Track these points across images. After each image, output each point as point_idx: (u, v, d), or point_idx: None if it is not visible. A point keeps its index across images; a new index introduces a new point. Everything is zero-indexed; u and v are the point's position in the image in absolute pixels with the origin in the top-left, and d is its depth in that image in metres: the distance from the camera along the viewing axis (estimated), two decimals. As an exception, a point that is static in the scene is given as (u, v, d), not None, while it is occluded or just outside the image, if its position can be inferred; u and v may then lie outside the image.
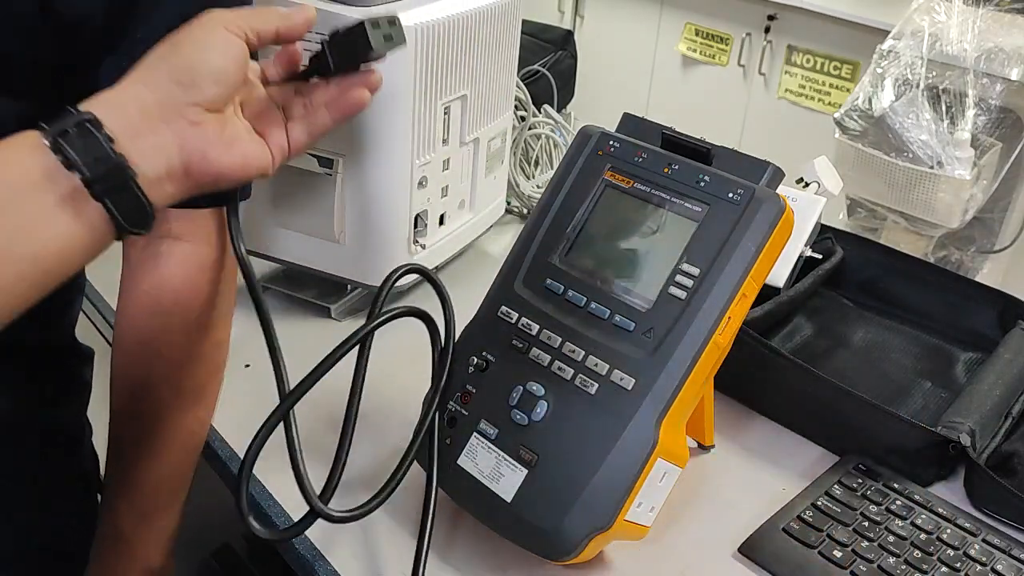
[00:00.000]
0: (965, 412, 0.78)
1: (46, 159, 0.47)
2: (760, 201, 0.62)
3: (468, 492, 0.64)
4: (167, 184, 0.51)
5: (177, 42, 0.51)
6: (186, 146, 0.51)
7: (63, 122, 0.47)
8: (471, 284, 1.03)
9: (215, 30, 0.52)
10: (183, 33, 0.52)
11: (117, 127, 0.48)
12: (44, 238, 0.48)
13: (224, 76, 0.52)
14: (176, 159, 0.51)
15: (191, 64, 0.50)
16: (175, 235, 0.65)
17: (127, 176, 0.49)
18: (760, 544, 0.69)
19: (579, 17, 3.15)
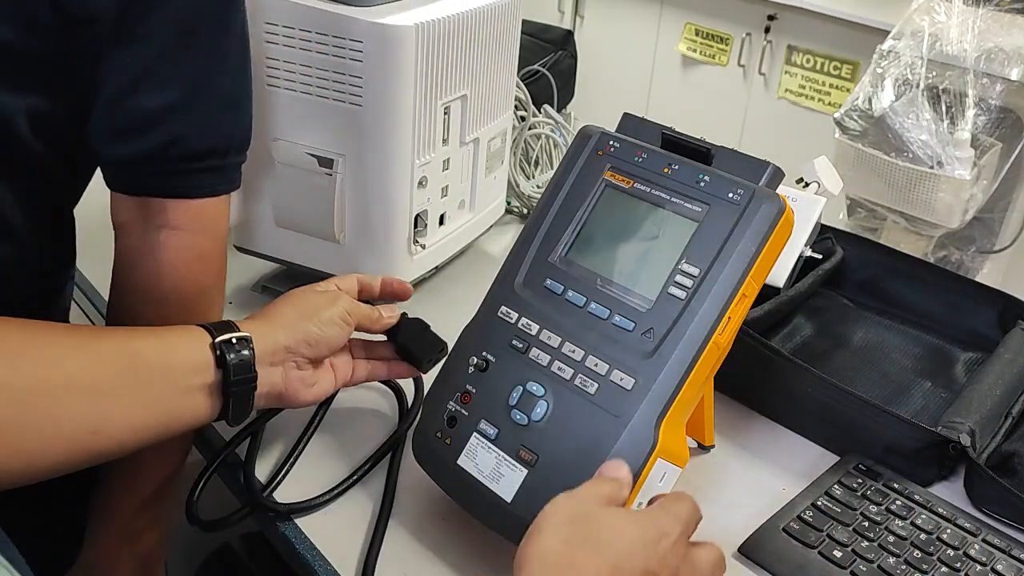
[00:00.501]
0: (965, 412, 0.78)
1: (207, 355, 0.61)
2: (760, 201, 0.62)
3: (468, 492, 0.64)
4: (262, 400, 0.66)
5: (313, 309, 0.69)
6: (289, 382, 0.67)
7: (228, 332, 0.63)
8: (471, 284, 1.04)
9: (337, 312, 0.69)
10: (315, 301, 0.69)
11: (258, 351, 0.64)
12: (181, 411, 0.61)
13: (335, 345, 0.70)
14: (279, 387, 0.67)
15: (319, 334, 0.68)
16: (173, 225, 0.67)
17: (252, 387, 0.64)
18: (760, 544, 0.69)
19: (579, 17, 3.15)
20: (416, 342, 0.75)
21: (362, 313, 0.72)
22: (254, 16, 0.83)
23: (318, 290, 0.71)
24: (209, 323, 0.64)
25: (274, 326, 0.66)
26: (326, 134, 0.85)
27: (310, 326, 0.67)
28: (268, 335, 0.65)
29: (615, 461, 0.57)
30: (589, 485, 0.55)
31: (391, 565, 0.66)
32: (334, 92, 0.83)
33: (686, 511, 0.54)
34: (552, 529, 0.50)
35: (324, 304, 0.69)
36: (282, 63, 0.84)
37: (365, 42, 0.80)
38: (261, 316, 0.68)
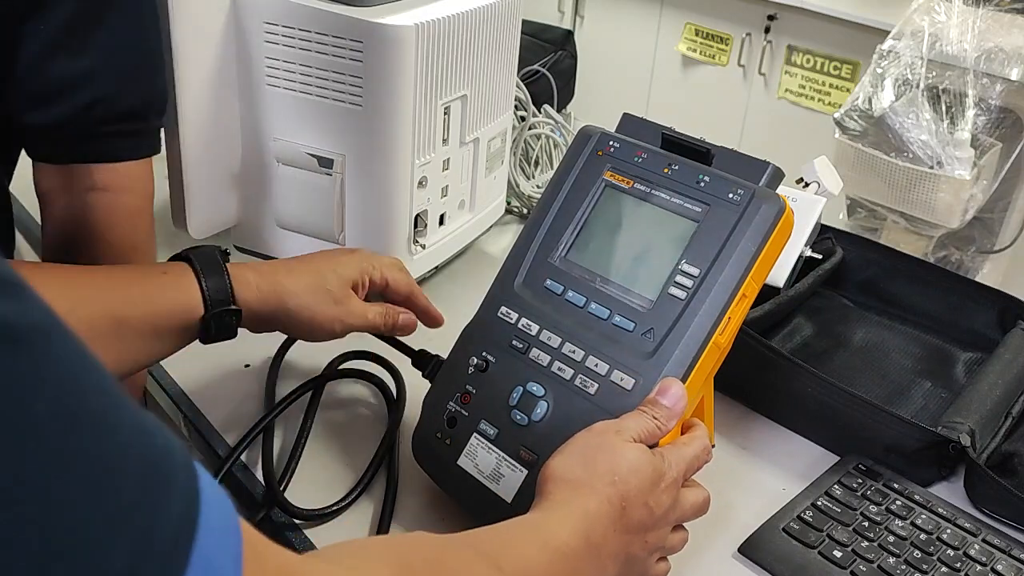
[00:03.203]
0: (965, 412, 0.78)
1: (194, 321, 0.65)
2: (760, 201, 0.62)
3: (468, 492, 0.64)
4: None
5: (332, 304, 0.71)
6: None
7: (221, 299, 0.65)
8: (471, 284, 1.04)
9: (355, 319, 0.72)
10: (335, 301, 0.71)
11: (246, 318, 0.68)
12: (159, 355, 0.67)
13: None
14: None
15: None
16: (100, 187, 0.69)
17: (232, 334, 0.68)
18: (760, 544, 0.69)
19: (579, 17, 3.15)
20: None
21: (368, 327, 0.73)
22: (254, 16, 0.83)
23: (342, 289, 0.72)
24: (203, 263, 0.66)
25: (267, 298, 0.68)
26: (326, 134, 0.85)
27: (295, 326, 0.70)
28: (254, 305, 0.67)
29: (670, 381, 0.60)
30: (632, 416, 0.58)
31: (391, 565, 0.65)
32: (334, 92, 0.83)
33: (691, 453, 0.60)
34: (575, 452, 0.56)
35: (322, 320, 0.70)
36: (282, 63, 0.84)
37: (365, 42, 0.80)
38: (266, 276, 0.69)
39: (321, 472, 0.73)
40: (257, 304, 0.67)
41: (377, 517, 0.69)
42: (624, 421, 0.58)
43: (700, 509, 0.61)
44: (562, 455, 0.57)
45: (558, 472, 0.55)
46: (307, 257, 0.73)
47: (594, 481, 0.54)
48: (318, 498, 0.69)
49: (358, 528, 0.69)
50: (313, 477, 0.72)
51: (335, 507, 0.68)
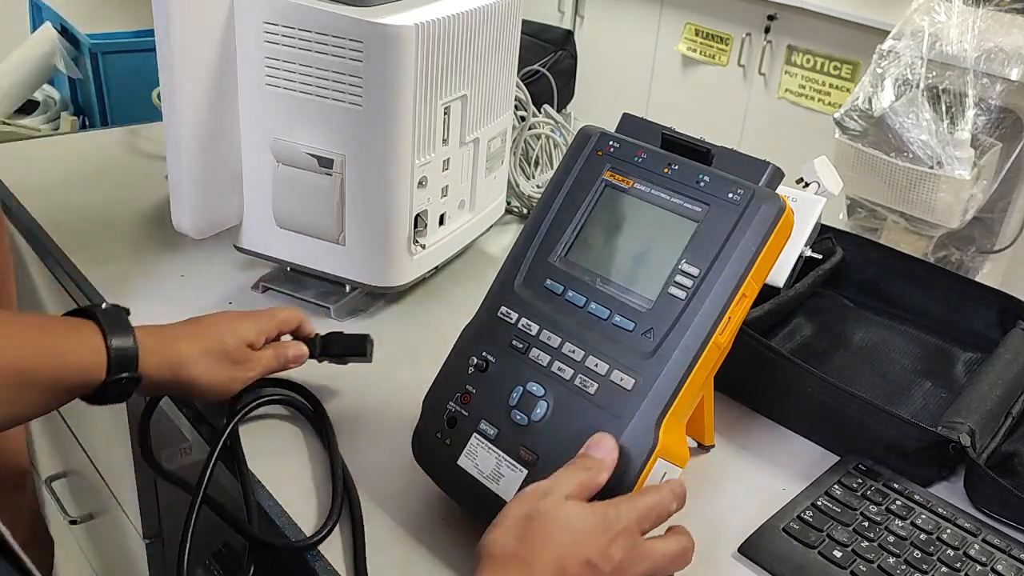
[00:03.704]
0: (965, 412, 0.78)
1: (97, 375, 0.65)
2: (760, 201, 0.62)
3: (468, 492, 0.64)
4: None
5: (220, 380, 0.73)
6: None
7: (122, 363, 0.66)
8: (471, 284, 1.04)
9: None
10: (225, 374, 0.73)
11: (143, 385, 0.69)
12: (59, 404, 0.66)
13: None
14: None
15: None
16: None
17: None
18: (760, 544, 0.69)
19: (579, 17, 3.15)
20: (345, 349, 0.81)
21: (264, 372, 0.76)
22: (254, 16, 0.83)
23: (240, 350, 0.73)
24: (110, 325, 0.66)
25: (169, 367, 0.69)
26: (326, 134, 0.85)
27: (194, 391, 0.72)
28: (155, 374, 0.68)
29: (601, 436, 0.59)
30: (563, 474, 0.57)
31: (391, 566, 0.66)
32: (334, 92, 0.83)
33: (645, 503, 0.56)
34: (507, 525, 0.54)
35: (222, 381, 0.72)
36: (282, 63, 0.84)
37: (365, 42, 0.80)
38: (169, 344, 0.70)
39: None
40: (156, 371, 0.68)
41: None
42: (554, 481, 0.56)
43: (677, 560, 0.57)
44: (496, 528, 0.55)
45: (490, 547, 0.54)
46: (205, 321, 0.74)
47: (525, 552, 0.52)
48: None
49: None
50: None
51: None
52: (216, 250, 1.02)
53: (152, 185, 1.19)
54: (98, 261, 1.01)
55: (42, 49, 1.50)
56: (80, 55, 1.49)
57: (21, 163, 1.23)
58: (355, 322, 0.95)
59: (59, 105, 1.59)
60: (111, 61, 1.45)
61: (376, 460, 0.75)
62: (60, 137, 1.42)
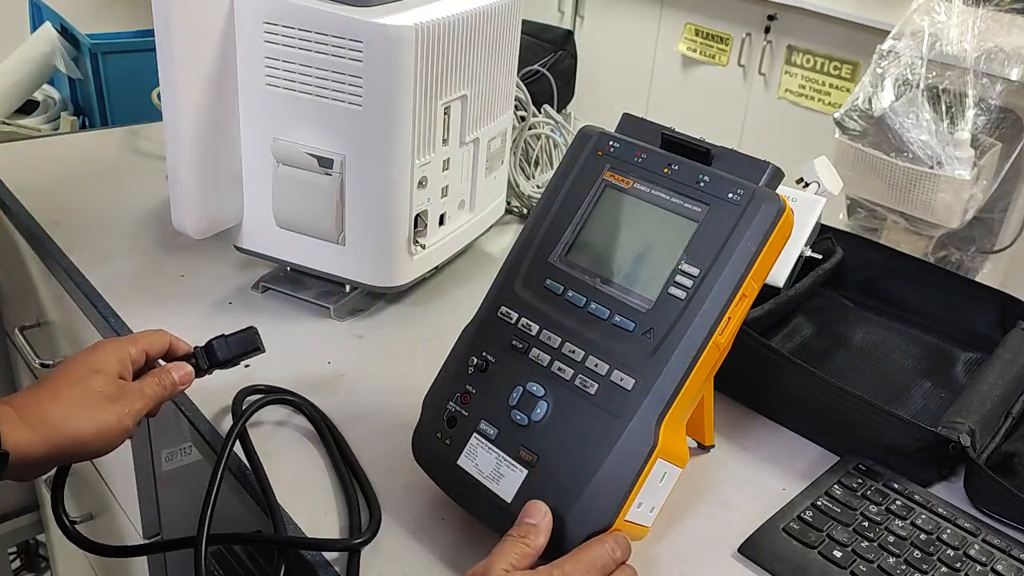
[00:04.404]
0: (965, 412, 0.78)
1: None
2: (760, 201, 0.62)
3: (468, 492, 0.64)
4: None
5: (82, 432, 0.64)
6: None
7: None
8: (471, 284, 1.04)
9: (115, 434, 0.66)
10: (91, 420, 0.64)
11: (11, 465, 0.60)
12: None
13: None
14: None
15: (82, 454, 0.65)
16: None
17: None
18: (760, 544, 0.69)
19: (579, 17, 3.15)
20: (233, 351, 0.75)
21: (152, 402, 0.68)
22: (254, 16, 0.83)
23: (113, 385, 0.66)
24: None
25: (41, 435, 0.61)
26: (326, 134, 0.85)
27: (84, 448, 0.63)
28: (27, 447, 0.60)
29: (532, 503, 0.60)
30: (497, 550, 0.57)
31: (391, 565, 0.66)
32: (334, 92, 0.83)
33: (589, 557, 0.57)
34: None
35: (111, 423, 0.64)
36: (282, 63, 0.84)
37: (365, 42, 0.80)
38: (32, 411, 0.62)
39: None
40: (27, 443, 0.60)
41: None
42: (492, 558, 0.56)
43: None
44: None
45: None
46: (60, 372, 0.66)
47: None
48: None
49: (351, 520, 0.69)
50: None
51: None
52: (216, 250, 1.02)
53: (152, 185, 1.19)
54: (98, 261, 1.01)
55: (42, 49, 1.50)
56: (80, 55, 1.49)
57: (21, 163, 1.23)
58: (355, 322, 0.95)
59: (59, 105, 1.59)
60: (111, 61, 1.45)
61: (375, 460, 0.75)
62: (60, 137, 1.42)
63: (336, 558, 0.66)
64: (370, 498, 0.70)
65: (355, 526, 0.68)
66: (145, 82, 1.36)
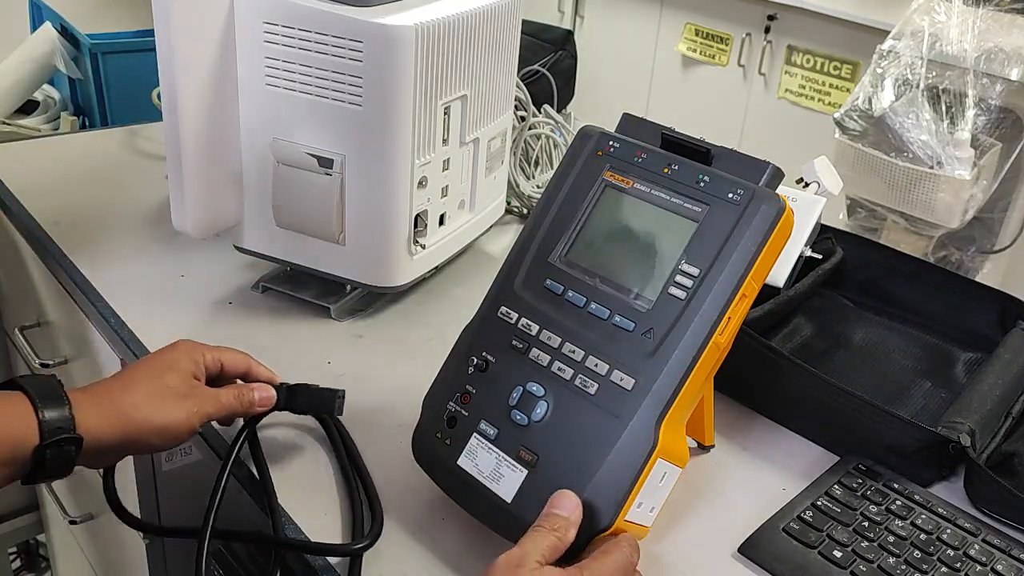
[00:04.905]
0: (965, 412, 0.78)
1: (24, 452, 0.60)
2: (760, 201, 0.62)
3: (468, 492, 0.64)
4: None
5: (163, 424, 0.66)
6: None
7: (58, 428, 0.60)
8: (471, 284, 1.04)
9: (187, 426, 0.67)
10: (168, 414, 0.66)
11: (85, 447, 0.62)
12: None
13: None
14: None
15: (154, 445, 0.67)
16: None
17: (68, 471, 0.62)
18: (760, 544, 0.69)
19: (579, 17, 3.15)
20: (312, 406, 0.76)
21: (224, 411, 0.70)
22: (254, 16, 0.83)
23: (186, 383, 0.68)
24: (37, 388, 0.60)
25: (113, 421, 0.63)
26: (326, 134, 0.85)
27: (152, 439, 0.65)
28: (99, 431, 0.62)
29: (563, 494, 0.59)
30: (531, 539, 0.56)
31: (391, 565, 0.66)
32: (334, 92, 0.83)
33: (614, 560, 0.57)
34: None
35: (179, 418, 0.66)
36: (282, 63, 0.84)
37: (365, 42, 0.80)
38: (107, 398, 0.64)
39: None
40: (100, 429, 0.62)
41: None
42: (523, 549, 0.56)
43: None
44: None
45: None
46: (136, 366, 0.68)
47: None
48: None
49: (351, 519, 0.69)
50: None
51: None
52: (216, 250, 1.02)
53: (152, 185, 1.19)
54: (98, 261, 1.01)
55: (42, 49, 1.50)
56: (80, 55, 1.49)
57: (21, 163, 1.23)
58: (355, 322, 0.95)
59: (59, 105, 1.59)
60: (111, 61, 1.45)
61: (375, 460, 0.75)
62: (60, 137, 1.42)
63: (337, 560, 0.66)
64: (373, 502, 0.70)
65: (357, 529, 0.68)
66: (145, 82, 1.36)
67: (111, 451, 0.64)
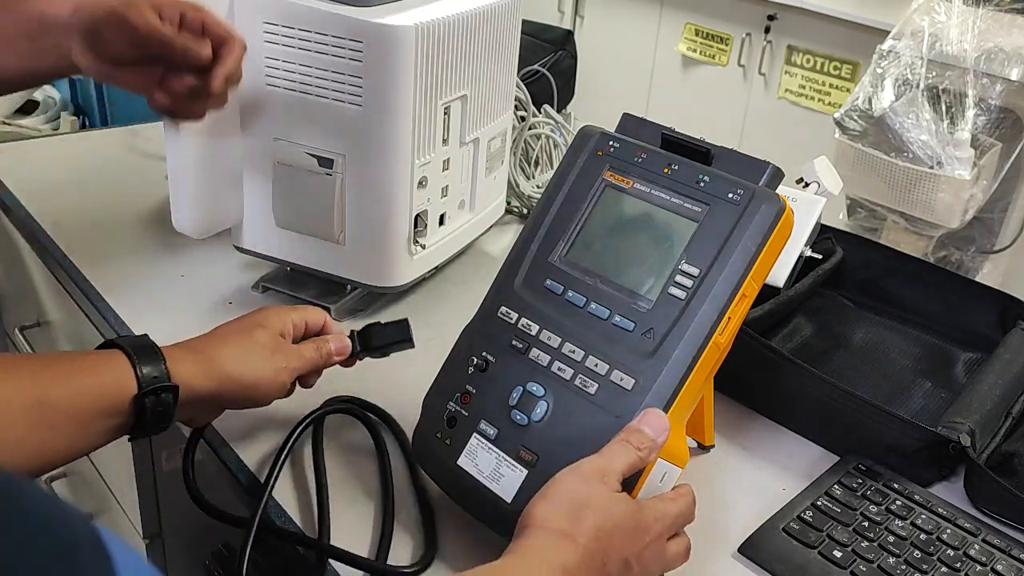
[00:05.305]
0: (965, 412, 0.78)
1: (124, 401, 0.62)
2: (760, 201, 0.62)
3: (468, 492, 0.64)
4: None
5: (255, 376, 0.69)
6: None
7: (154, 377, 0.62)
8: (471, 284, 1.04)
9: (279, 381, 0.71)
10: (260, 366, 0.69)
11: (181, 397, 0.64)
12: (90, 444, 0.63)
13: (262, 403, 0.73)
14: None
15: (247, 397, 0.70)
16: None
17: (167, 424, 0.65)
18: (760, 544, 0.69)
19: (579, 17, 3.15)
20: (386, 339, 0.77)
21: (308, 365, 0.72)
22: (254, 16, 0.83)
23: (273, 340, 0.70)
24: (132, 344, 0.63)
25: (206, 372, 0.66)
26: (326, 134, 0.85)
27: (244, 392, 0.68)
28: (193, 380, 0.65)
29: (654, 413, 0.59)
30: (617, 451, 0.57)
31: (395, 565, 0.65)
32: (334, 92, 0.83)
33: (675, 511, 0.59)
34: (562, 502, 0.55)
35: (268, 373, 0.69)
36: (282, 63, 0.84)
37: (365, 42, 0.80)
38: (200, 351, 0.67)
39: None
40: (194, 379, 0.64)
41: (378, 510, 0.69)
42: (610, 460, 0.57)
43: (681, 557, 0.61)
44: (547, 501, 0.56)
45: (541, 519, 0.55)
46: (228, 325, 0.71)
47: (577, 535, 0.54)
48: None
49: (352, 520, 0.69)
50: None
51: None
52: (216, 250, 1.02)
53: (152, 185, 1.19)
54: (98, 261, 1.01)
55: (42, 49, 1.50)
56: (80, 55, 1.49)
57: (21, 163, 1.23)
58: (355, 322, 0.95)
59: (59, 105, 1.60)
60: (111, 61, 1.45)
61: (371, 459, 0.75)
62: (60, 137, 1.42)
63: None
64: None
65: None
66: (145, 82, 1.36)
67: (206, 403, 0.67)
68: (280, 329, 0.72)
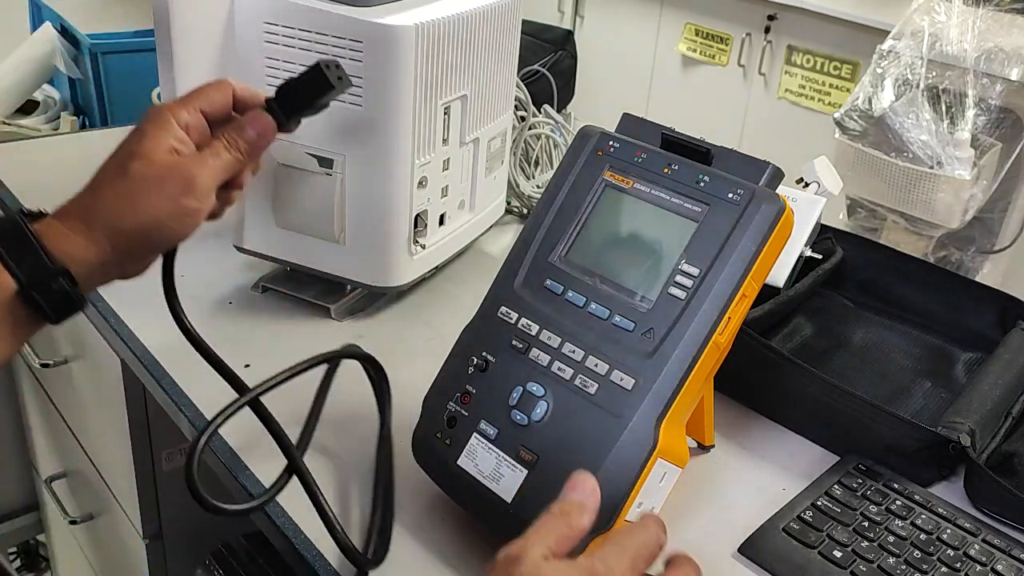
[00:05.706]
0: (965, 412, 0.78)
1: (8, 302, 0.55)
2: (760, 201, 0.62)
3: (468, 492, 0.64)
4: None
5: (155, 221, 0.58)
6: None
7: (41, 273, 0.55)
8: (471, 284, 1.04)
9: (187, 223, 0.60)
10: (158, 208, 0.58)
11: (80, 278, 0.57)
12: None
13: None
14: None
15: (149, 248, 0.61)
16: None
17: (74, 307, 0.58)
18: (760, 544, 0.69)
19: (579, 17, 3.15)
20: (306, 89, 0.65)
21: (223, 170, 0.60)
22: (254, 16, 0.83)
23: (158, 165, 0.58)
24: (2, 238, 0.54)
25: (90, 237, 0.56)
26: (326, 134, 0.85)
27: (146, 241, 0.58)
28: (84, 253, 0.56)
29: (580, 475, 0.50)
30: (535, 530, 0.47)
31: (390, 566, 0.66)
32: (334, 92, 0.83)
33: (633, 544, 0.48)
34: None
35: (164, 207, 0.57)
36: (282, 63, 0.84)
37: (365, 42, 0.80)
38: (77, 214, 0.57)
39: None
40: (84, 251, 0.56)
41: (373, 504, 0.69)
42: (525, 541, 0.46)
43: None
44: None
45: None
46: (103, 164, 0.60)
47: None
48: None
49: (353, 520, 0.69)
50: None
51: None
52: (216, 250, 1.02)
53: (152, 185, 1.19)
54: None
55: (42, 49, 1.50)
56: (80, 55, 1.50)
57: (21, 163, 1.23)
58: (355, 322, 0.95)
59: (59, 105, 1.59)
60: (111, 61, 1.45)
61: (371, 460, 0.75)
62: (60, 137, 1.42)
63: (339, 564, 0.66)
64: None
65: (370, 538, 0.67)
66: (145, 82, 1.36)
67: (109, 265, 0.58)
68: (167, 146, 0.59)
